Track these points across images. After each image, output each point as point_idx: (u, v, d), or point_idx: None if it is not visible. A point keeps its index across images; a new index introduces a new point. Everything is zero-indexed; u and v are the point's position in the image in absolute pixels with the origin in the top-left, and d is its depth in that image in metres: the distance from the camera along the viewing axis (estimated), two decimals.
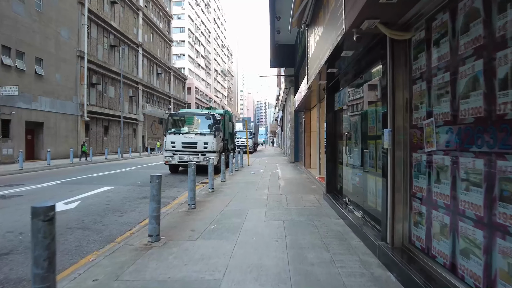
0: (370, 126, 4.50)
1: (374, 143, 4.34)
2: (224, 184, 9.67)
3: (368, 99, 4.62)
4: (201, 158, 12.51)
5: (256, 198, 7.28)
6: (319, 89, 8.36)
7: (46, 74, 21.25)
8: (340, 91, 6.16)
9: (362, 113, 4.86)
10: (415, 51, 3.13)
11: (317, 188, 8.72)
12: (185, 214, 5.86)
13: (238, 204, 6.59)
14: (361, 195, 4.99)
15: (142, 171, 14.76)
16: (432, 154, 2.80)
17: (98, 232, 5.20)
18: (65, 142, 23.37)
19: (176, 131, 12.99)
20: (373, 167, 4.35)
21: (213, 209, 6.20)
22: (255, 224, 4.95)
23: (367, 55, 4.36)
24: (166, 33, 46.57)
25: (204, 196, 7.62)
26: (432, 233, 2.80)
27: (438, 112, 2.69)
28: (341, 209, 5.51)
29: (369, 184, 4.53)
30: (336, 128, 6.74)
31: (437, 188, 2.71)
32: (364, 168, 4.77)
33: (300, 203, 6.62)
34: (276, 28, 15.22)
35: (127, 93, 33.83)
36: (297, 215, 5.55)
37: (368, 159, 4.57)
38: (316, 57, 5.96)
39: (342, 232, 4.53)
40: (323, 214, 5.63)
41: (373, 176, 4.38)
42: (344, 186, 6.20)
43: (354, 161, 5.30)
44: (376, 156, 4.26)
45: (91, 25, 27.10)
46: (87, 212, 6.50)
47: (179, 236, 4.52)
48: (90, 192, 8.78)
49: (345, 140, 5.94)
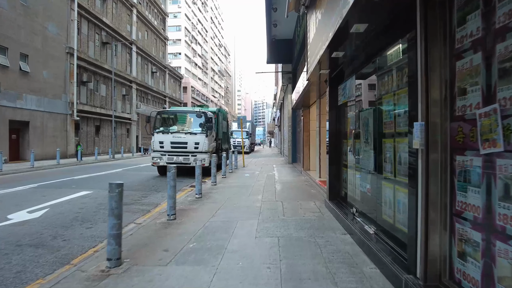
0: (387, 122, 3.60)
1: (392, 142, 3.45)
2: (215, 188, 8.75)
3: (384, 88, 3.72)
4: (191, 159, 11.57)
5: (248, 205, 6.37)
6: (319, 82, 7.46)
7: (32, 71, 20.22)
8: (345, 82, 5.26)
9: (376, 106, 3.96)
10: (461, 13, 2.23)
11: (317, 193, 7.82)
12: (163, 227, 4.94)
13: (226, 214, 5.68)
14: (373, 205, 4.10)
15: (129, 173, 13.80)
16: (494, 157, 1.91)
17: (54, 250, 4.28)
18: (53, 142, 22.33)
19: (164, 130, 12.04)
20: (391, 172, 3.46)
21: (196, 220, 5.29)
22: (243, 242, 4.04)
23: (385, 30, 3.46)
24: (161, 31, 45.54)
25: (189, 203, 6.70)
26: (495, 274, 1.90)
27: (508, 96, 1.80)
28: (347, 221, 4.62)
29: (385, 193, 3.64)
30: (340, 125, 5.84)
31: (507, 209, 1.81)
32: (377, 173, 3.88)
33: (299, 213, 5.71)
34: (273, 21, 14.33)
35: (120, 91, 32.81)
36: (295, 228, 4.64)
37: (384, 162, 3.67)
38: (317, 41, 5.05)
39: (351, 254, 3.63)
40: (327, 227, 4.71)
41: (390, 183, 3.48)
42: (349, 192, 5.30)
43: (364, 163, 4.40)
44: (395, 158, 3.36)
45: (82, 21, 26.07)
46: (51, 223, 5.57)
47: (148, 259, 3.61)
48: (64, 197, 7.83)
49: (351, 139, 5.05)
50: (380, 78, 3.81)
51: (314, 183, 9.06)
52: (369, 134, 4.19)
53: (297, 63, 14.67)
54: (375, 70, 4.02)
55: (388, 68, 3.56)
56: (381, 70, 3.79)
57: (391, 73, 3.49)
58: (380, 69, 3.82)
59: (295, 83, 13.60)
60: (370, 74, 4.28)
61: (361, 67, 4.45)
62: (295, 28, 14.28)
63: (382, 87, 3.78)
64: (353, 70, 4.78)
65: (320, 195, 7.47)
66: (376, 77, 4.01)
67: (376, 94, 4.02)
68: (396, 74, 3.38)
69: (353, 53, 4.57)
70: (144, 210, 6.69)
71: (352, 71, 4.86)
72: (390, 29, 3.34)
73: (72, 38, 24.15)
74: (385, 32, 3.48)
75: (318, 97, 9.10)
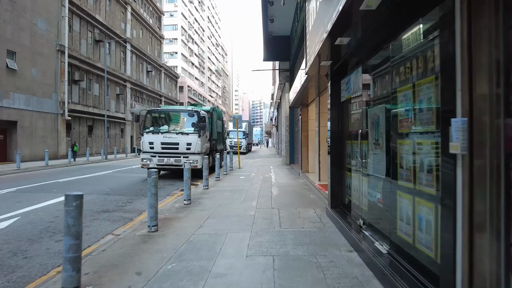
0: (403, 119, 2.98)
1: (411, 143, 2.83)
2: (206, 193, 8.10)
3: (399, 79, 3.09)
4: (183, 161, 10.89)
5: (240, 214, 5.72)
6: (319, 78, 6.84)
7: (20, 69, 19.46)
8: (350, 75, 4.64)
9: (390, 100, 3.33)
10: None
11: (317, 198, 7.18)
12: (141, 241, 4.29)
13: (215, 224, 5.03)
14: (385, 218, 3.47)
15: (119, 175, 13.11)
16: None
17: (9, 271, 3.63)
18: (43, 142, 21.57)
19: (154, 130, 11.36)
20: (410, 180, 2.84)
21: (180, 232, 4.64)
22: (231, 264, 3.39)
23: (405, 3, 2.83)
24: (157, 30, 44.76)
25: (176, 211, 6.05)
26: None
27: None
28: (352, 234, 3.99)
29: (402, 205, 3.01)
30: (343, 124, 5.22)
31: None
32: (391, 180, 3.25)
33: (297, 223, 5.07)
34: (269, 16, 13.71)
35: (114, 91, 32.04)
36: (293, 244, 3.99)
37: (400, 168, 3.05)
38: (318, 27, 4.42)
39: (361, 280, 2.99)
40: (329, 243, 4.07)
41: (409, 194, 2.86)
42: (354, 200, 4.68)
43: (373, 168, 3.77)
44: (416, 163, 2.74)
45: (73, 17, 25.31)
46: (17, 235, 4.91)
47: (115, 285, 2.96)
48: (40, 203, 7.16)
49: (357, 139, 4.42)
50: (395, 67, 3.18)
51: (313, 187, 8.43)
52: (380, 134, 3.57)
53: (294, 60, 14.05)
54: (388, 59, 3.39)
55: (406, 54, 2.94)
56: (396, 57, 3.16)
57: (410, 59, 2.86)
58: (395, 56, 3.20)
59: (293, 81, 12.98)
60: (381, 64, 3.66)
61: (370, 55, 3.83)
62: (293, 23, 13.66)
63: (397, 78, 3.15)
64: (360, 60, 4.16)
65: (321, 201, 6.84)
66: (387, 67, 3.39)
67: (389, 87, 3.40)
68: (417, 60, 2.75)
69: (361, 39, 3.94)
70: (126, 218, 6.04)
71: (358, 61, 4.23)
72: (412, 1, 2.71)
73: (63, 35, 23.39)
74: (404, 6, 2.85)
75: (318, 94, 8.48)
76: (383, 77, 3.70)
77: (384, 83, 3.66)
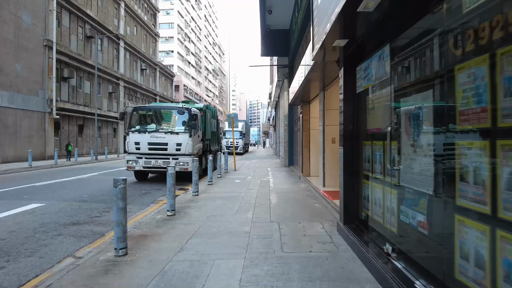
0: (466, 110, 2.00)
1: (482, 146, 1.85)
2: (195, 200, 7.08)
3: (463, 50, 2.11)
4: (172, 163, 9.86)
5: (232, 230, 4.71)
6: (325, 67, 5.86)
7: (2, 64, 18.34)
8: (371, 59, 3.66)
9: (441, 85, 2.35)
10: None
11: (323, 209, 6.19)
12: (101, 271, 3.28)
13: (200, 246, 4.02)
14: (433, 251, 2.49)
15: (103, 178, 12.07)
16: None
17: None
18: (29, 142, 20.42)
19: (141, 129, 10.32)
20: (481, 202, 1.86)
21: (154, 258, 3.63)
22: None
23: None
24: (152, 27, 43.59)
25: (156, 224, 5.04)
26: None
27: None
28: (376, 264, 3.01)
29: (465, 237, 2.03)
30: (358, 121, 4.24)
31: None
32: (444, 198, 2.27)
33: (303, 244, 4.06)
34: (267, 6, 12.73)
35: (107, 89, 30.87)
36: (300, 279, 2.99)
37: (460, 182, 2.07)
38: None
39: None
40: (349, 277, 3.06)
41: (481, 223, 1.88)
42: (375, 217, 3.69)
43: (410, 179, 2.79)
44: (494, 177, 1.77)
45: (62, 12, 24.17)
46: None
47: None
48: (1, 214, 6.14)
49: (381, 140, 3.44)
50: (451, 34, 2.20)
51: (317, 194, 7.44)
52: (422, 132, 2.59)
53: (294, 55, 13.06)
54: (435, 27, 2.41)
55: (474, 11, 1.96)
56: (454, 19, 2.18)
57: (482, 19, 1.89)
58: (451, 20, 2.22)
59: (292, 77, 12.00)
60: (422, 37, 2.68)
61: (404, 27, 2.84)
62: (292, 14, 12.68)
63: (456, 51, 2.17)
64: (388, 36, 3.17)
65: (328, 212, 5.85)
66: (434, 38, 2.41)
67: (438, 66, 2.42)
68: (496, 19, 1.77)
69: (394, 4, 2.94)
70: (96, 233, 5.04)
71: (385, 38, 3.24)
72: None
73: (50, 30, 22.27)
74: None
75: (322, 88, 7.50)
76: (423, 55, 2.72)
77: (425, 64, 2.68)
